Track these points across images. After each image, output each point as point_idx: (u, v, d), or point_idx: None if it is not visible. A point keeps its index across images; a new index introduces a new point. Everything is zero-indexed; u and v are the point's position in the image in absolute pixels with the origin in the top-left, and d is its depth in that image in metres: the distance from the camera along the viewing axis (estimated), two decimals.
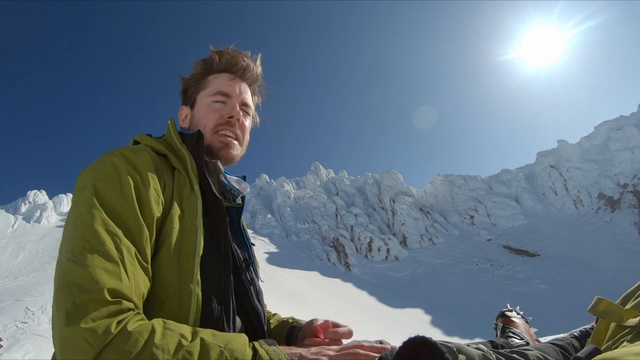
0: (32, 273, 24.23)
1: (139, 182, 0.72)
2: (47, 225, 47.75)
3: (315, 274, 36.10)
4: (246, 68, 1.00)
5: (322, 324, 0.86)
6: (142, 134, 0.91)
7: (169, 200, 0.76)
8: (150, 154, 0.80)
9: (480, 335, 17.23)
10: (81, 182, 0.71)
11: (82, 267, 0.58)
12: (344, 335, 0.82)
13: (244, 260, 0.93)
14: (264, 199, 65.39)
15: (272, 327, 1.03)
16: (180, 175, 0.82)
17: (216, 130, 0.93)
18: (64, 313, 0.55)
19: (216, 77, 0.98)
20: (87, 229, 0.63)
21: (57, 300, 0.58)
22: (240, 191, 0.95)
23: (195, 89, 0.99)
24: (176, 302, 0.68)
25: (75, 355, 0.53)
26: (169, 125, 0.93)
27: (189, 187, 0.80)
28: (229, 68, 0.98)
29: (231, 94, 0.96)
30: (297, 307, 19.22)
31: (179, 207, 0.76)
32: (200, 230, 0.75)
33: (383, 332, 18.14)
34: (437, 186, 61.99)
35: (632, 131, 51.79)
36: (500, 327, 1.46)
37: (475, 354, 0.72)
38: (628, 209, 44.76)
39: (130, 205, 0.68)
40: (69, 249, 0.62)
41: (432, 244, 49.10)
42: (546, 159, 57.72)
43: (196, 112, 0.97)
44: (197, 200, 0.78)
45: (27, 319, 10.56)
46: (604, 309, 0.70)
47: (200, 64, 0.99)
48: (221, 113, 0.94)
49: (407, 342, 0.51)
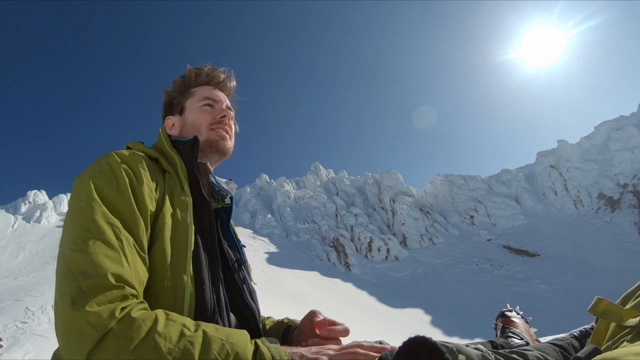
0: (32, 273, 24.22)
1: (133, 179, 0.76)
2: (47, 225, 47.74)
3: (315, 274, 36.06)
4: (223, 81, 1.11)
5: (320, 321, 0.88)
6: (134, 141, 0.97)
7: (161, 198, 0.80)
8: (143, 156, 0.85)
9: (480, 335, 17.21)
10: (78, 183, 0.75)
11: (85, 255, 0.61)
12: (340, 333, 0.83)
13: (235, 260, 0.97)
14: (264, 199, 65.35)
15: (268, 328, 1.05)
16: (170, 177, 0.87)
17: (212, 127, 1.02)
18: (69, 298, 0.57)
19: (199, 88, 1.08)
20: (88, 220, 0.66)
21: (62, 288, 0.59)
22: (228, 191, 1.01)
23: (182, 98, 1.07)
24: (170, 294, 0.71)
25: (78, 340, 0.54)
26: (160, 132, 1.00)
27: (180, 187, 0.85)
28: (208, 82, 1.09)
29: (217, 99, 1.06)
30: (297, 307, 19.20)
31: (170, 205, 0.80)
32: (191, 227, 0.79)
33: (383, 332, 18.14)
34: (437, 186, 61.97)
35: (632, 131, 51.76)
36: (500, 327, 1.46)
37: (475, 354, 0.72)
38: (628, 209, 44.74)
39: (126, 200, 0.72)
40: (71, 240, 0.65)
41: (432, 244, 49.08)
42: (546, 159, 57.70)
43: (187, 116, 1.04)
44: (187, 199, 0.83)
45: (27, 319, 10.56)
46: (604, 309, 0.70)
47: (179, 80, 1.09)
48: (213, 114, 1.03)
49: (407, 342, 0.51)
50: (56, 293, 0.61)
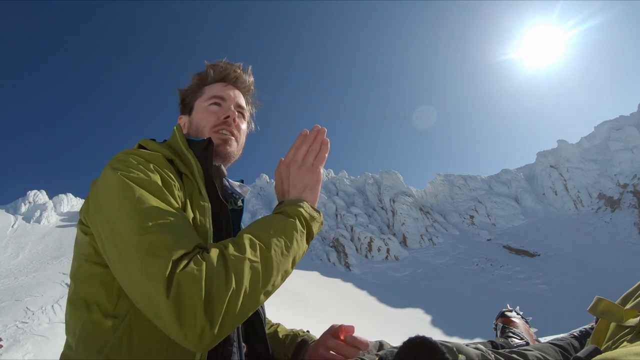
0: (32, 273, 24.21)
1: (164, 176, 0.76)
2: (47, 225, 47.76)
3: (315, 274, 36.07)
4: (238, 77, 1.06)
5: (348, 327, 0.91)
6: (146, 139, 0.92)
7: (183, 201, 0.78)
8: (162, 156, 0.83)
9: (480, 335, 17.21)
10: (105, 182, 0.72)
11: (161, 233, 0.60)
12: (361, 344, 0.88)
13: None
14: (264, 199, 65.36)
15: (280, 336, 1.05)
16: (188, 180, 0.85)
17: (215, 130, 0.98)
18: (164, 280, 0.55)
19: (211, 86, 1.04)
20: (138, 205, 0.65)
21: (149, 274, 0.56)
22: (241, 194, 0.99)
23: (192, 97, 1.04)
24: None
25: (204, 305, 0.54)
26: (175, 130, 0.96)
27: (197, 191, 0.83)
28: (222, 78, 1.05)
29: (225, 97, 1.02)
30: (297, 307, 19.21)
31: (190, 209, 0.78)
32: (210, 233, 0.78)
33: (383, 332, 18.14)
34: (437, 186, 61.98)
35: (632, 131, 51.78)
36: (500, 327, 1.46)
37: (474, 353, 0.72)
38: (628, 209, 44.76)
39: (159, 189, 0.72)
40: (133, 228, 0.62)
41: (432, 244, 49.09)
42: (546, 159, 57.72)
43: (194, 116, 1.01)
44: (206, 204, 0.82)
45: (27, 319, 10.56)
46: (604, 309, 0.70)
47: (196, 76, 1.06)
48: (217, 115, 0.99)
49: (407, 342, 0.51)
50: (138, 286, 0.58)
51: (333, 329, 0.93)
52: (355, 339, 0.88)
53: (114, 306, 0.71)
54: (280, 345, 1.02)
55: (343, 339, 0.90)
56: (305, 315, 17.82)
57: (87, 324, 0.72)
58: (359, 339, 0.88)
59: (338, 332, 0.92)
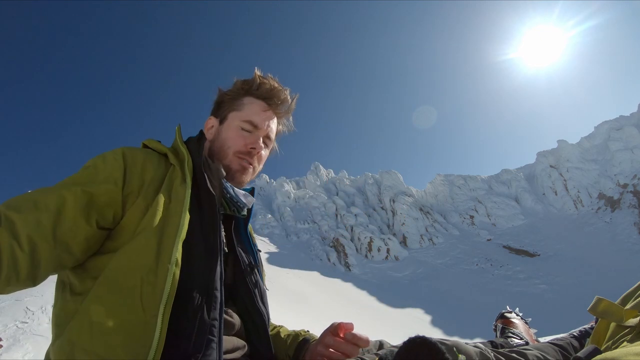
0: None
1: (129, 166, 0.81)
2: None
3: (315, 274, 36.06)
4: (283, 103, 1.05)
5: (347, 324, 0.91)
6: (150, 139, 0.95)
7: (156, 189, 0.81)
8: (147, 152, 0.88)
9: (480, 335, 17.21)
10: None
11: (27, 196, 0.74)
12: (361, 341, 0.88)
13: (248, 264, 0.98)
14: (264, 199, 65.37)
15: (282, 336, 1.06)
16: (174, 170, 0.86)
17: (238, 155, 0.98)
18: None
19: (252, 102, 1.02)
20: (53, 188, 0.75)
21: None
22: (245, 204, 0.99)
23: (230, 106, 1.02)
24: (151, 280, 0.69)
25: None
26: (176, 130, 0.99)
27: (180, 179, 0.83)
28: (267, 98, 1.02)
29: (259, 126, 1.00)
30: (297, 307, 19.20)
31: (166, 196, 0.79)
32: (184, 215, 0.76)
33: (383, 332, 18.13)
34: (437, 186, 61.98)
35: (632, 131, 51.77)
36: (500, 328, 1.46)
37: (474, 352, 0.71)
38: (628, 209, 44.75)
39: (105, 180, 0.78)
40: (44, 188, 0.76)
41: (432, 244, 49.09)
42: (546, 159, 57.71)
43: (224, 129, 1.01)
44: (185, 190, 0.81)
45: (27, 319, 10.55)
46: (604, 309, 0.70)
47: (241, 83, 1.03)
48: (245, 142, 0.98)
49: (407, 342, 0.51)
50: None
51: (333, 326, 0.93)
52: (355, 336, 0.88)
53: (82, 284, 0.74)
54: (282, 345, 1.02)
55: (342, 336, 0.90)
56: (305, 315, 17.81)
57: (59, 306, 0.76)
58: (358, 336, 0.88)
59: (337, 329, 0.92)
